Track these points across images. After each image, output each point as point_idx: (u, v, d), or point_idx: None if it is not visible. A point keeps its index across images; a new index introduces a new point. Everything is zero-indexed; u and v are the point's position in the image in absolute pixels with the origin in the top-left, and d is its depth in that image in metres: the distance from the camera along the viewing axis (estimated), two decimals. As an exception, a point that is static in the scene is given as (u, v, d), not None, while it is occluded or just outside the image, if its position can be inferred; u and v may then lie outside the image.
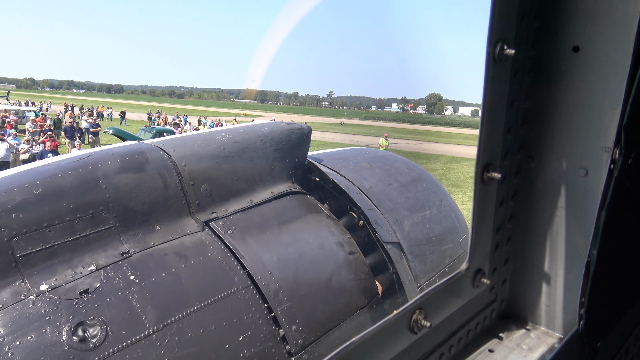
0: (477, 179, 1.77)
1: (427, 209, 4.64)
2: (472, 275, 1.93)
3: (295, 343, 3.11)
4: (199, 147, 3.47)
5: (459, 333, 1.97)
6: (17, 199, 2.64)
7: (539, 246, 2.04)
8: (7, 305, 2.44)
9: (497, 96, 1.70)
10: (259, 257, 3.27)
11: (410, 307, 1.64)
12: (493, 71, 1.60)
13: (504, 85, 1.70)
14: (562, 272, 2.00)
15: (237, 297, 3.04)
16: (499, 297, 2.16)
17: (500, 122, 1.76)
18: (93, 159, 3.05)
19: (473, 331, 2.04)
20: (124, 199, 2.99)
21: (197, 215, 3.30)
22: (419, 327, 1.65)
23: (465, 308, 1.96)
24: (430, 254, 4.33)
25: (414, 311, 1.65)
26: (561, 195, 1.92)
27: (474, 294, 1.98)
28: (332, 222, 3.87)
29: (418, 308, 1.66)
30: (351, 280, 3.62)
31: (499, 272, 2.09)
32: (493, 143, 1.78)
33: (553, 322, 2.10)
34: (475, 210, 1.82)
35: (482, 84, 1.58)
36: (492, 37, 1.54)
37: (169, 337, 2.68)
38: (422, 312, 1.67)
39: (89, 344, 2.46)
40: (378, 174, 4.67)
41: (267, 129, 3.94)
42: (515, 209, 2.03)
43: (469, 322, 2.02)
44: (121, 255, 2.86)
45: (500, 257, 2.07)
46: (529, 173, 1.98)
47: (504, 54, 1.58)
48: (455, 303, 1.89)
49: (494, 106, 1.70)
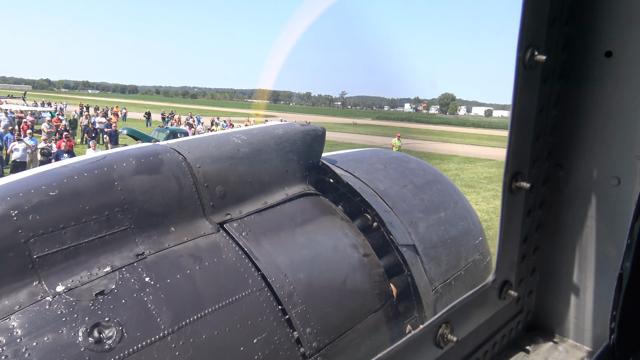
0: (505, 188, 1.72)
1: (442, 211, 4.60)
2: (498, 287, 1.89)
3: (310, 345, 3.10)
4: (213, 149, 3.47)
5: (485, 346, 1.92)
6: (34, 200, 2.66)
7: (567, 256, 1.99)
8: (24, 306, 2.46)
9: (527, 103, 1.66)
10: (273, 259, 3.26)
11: (436, 321, 1.60)
12: (523, 77, 1.57)
13: (533, 91, 1.66)
14: (592, 284, 1.94)
15: (252, 299, 3.03)
16: (525, 308, 2.10)
17: (529, 130, 1.72)
18: (108, 160, 3.07)
19: (499, 344, 1.99)
20: (139, 201, 3.00)
21: (211, 216, 3.30)
22: (445, 342, 1.61)
23: (491, 320, 1.92)
24: (445, 257, 4.29)
25: (440, 325, 1.61)
26: (591, 204, 1.87)
27: (501, 306, 1.93)
28: (346, 224, 3.85)
29: (444, 322, 1.62)
30: (365, 283, 3.60)
31: (526, 283, 2.04)
32: (522, 151, 1.73)
33: (582, 335, 2.04)
34: (502, 220, 1.77)
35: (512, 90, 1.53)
36: (523, 43, 1.50)
37: (183, 338, 2.68)
38: (449, 326, 1.63)
39: (105, 345, 2.46)
40: (392, 176, 4.63)
41: (281, 130, 3.93)
42: (543, 219, 1.98)
43: (495, 335, 1.97)
44: (136, 257, 2.87)
45: (526, 268, 2.02)
46: (558, 181, 1.93)
47: (534, 60, 1.54)
48: (481, 315, 1.85)
49: (523, 113, 1.66)
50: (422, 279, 3.91)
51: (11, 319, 2.39)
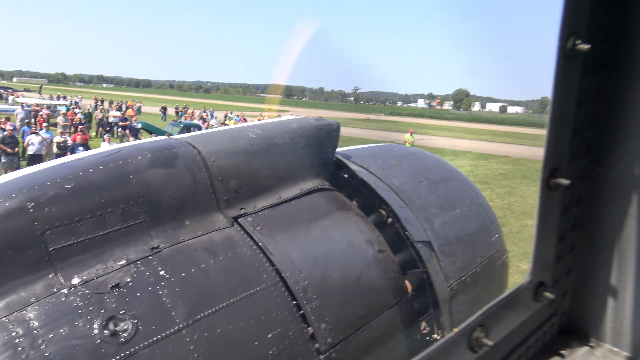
0: (542, 185, 1.66)
1: (458, 208, 4.55)
2: (533, 289, 1.82)
3: (325, 341, 3.08)
4: (227, 143, 3.46)
5: (518, 350, 1.85)
6: (50, 193, 2.66)
7: (604, 257, 1.91)
8: (41, 298, 2.46)
9: (567, 95, 1.59)
10: (287, 253, 3.24)
11: (471, 325, 1.54)
12: (564, 68, 1.49)
13: (573, 83, 1.59)
14: (631, 286, 1.86)
15: (266, 294, 3.02)
16: (559, 310, 2.02)
17: (568, 124, 1.65)
18: (124, 153, 3.06)
19: (532, 348, 1.92)
20: (154, 194, 3.00)
21: (225, 211, 3.29)
22: (479, 346, 1.55)
23: (525, 323, 1.85)
24: (461, 253, 4.24)
25: (475, 328, 1.55)
26: (632, 203, 1.79)
27: (535, 308, 1.87)
28: (361, 220, 3.82)
29: (479, 325, 1.56)
30: (380, 279, 3.57)
31: (560, 284, 1.96)
32: (560, 146, 1.67)
33: (620, 339, 1.95)
34: (539, 219, 1.70)
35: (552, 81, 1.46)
36: (564, 31, 1.43)
37: (198, 332, 2.67)
38: (483, 330, 1.56)
39: (120, 338, 2.46)
40: (408, 172, 4.59)
41: (296, 125, 3.91)
42: (579, 217, 1.90)
43: (529, 339, 1.90)
44: (151, 250, 2.86)
45: (561, 269, 1.94)
46: (596, 178, 1.84)
47: (576, 49, 1.47)
48: (515, 318, 1.79)
49: (563, 106, 1.59)
50: (438, 275, 3.87)
51: (28, 311, 2.40)
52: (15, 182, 2.74)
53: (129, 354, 2.45)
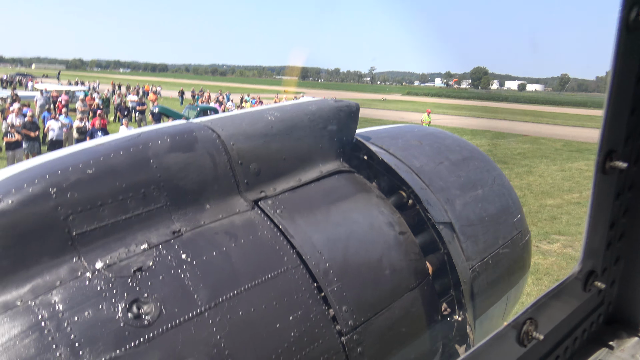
0: (597, 168, 1.56)
1: (480, 188, 4.48)
2: (584, 278, 1.75)
3: (346, 323, 3.08)
4: (247, 126, 3.43)
5: (566, 342, 1.79)
6: (72, 178, 2.67)
7: None
8: (65, 281, 2.49)
9: (627, 71, 1.48)
10: (308, 236, 3.23)
11: (521, 318, 1.49)
12: (625, 41, 1.38)
13: (635, 57, 1.47)
14: None
15: (287, 277, 3.01)
16: (607, 299, 1.95)
17: (626, 102, 1.54)
18: (143, 138, 3.06)
19: (580, 339, 1.86)
20: (174, 178, 3.00)
21: (246, 194, 3.28)
22: (529, 339, 1.50)
23: (573, 314, 1.78)
24: (483, 235, 4.19)
25: (525, 322, 1.50)
26: None
27: (584, 298, 1.80)
28: (381, 202, 3.79)
29: (528, 318, 1.50)
30: (401, 261, 3.54)
31: (609, 272, 1.89)
32: (617, 126, 1.56)
33: None
34: (592, 205, 1.60)
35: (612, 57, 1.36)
36: (628, 1, 1.33)
37: (220, 315, 2.68)
38: (533, 322, 1.51)
39: (144, 321, 2.48)
40: (428, 152, 4.53)
41: (315, 106, 3.86)
42: (632, 202, 1.80)
43: (576, 329, 1.83)
44: (173, 234, 2.87)
45: (611, 256, 1.86)
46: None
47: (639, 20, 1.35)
48: (564, 309, 1.72)
49: (622, 83, 1.48)
50: (459, 257, 3.82)
51: (53, 294, 2.42)
52: (38, 168, 2.76)
53: (153, 337, 2.47)
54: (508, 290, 4.61)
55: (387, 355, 3.36)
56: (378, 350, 3.26)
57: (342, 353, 3.04)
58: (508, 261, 4.44)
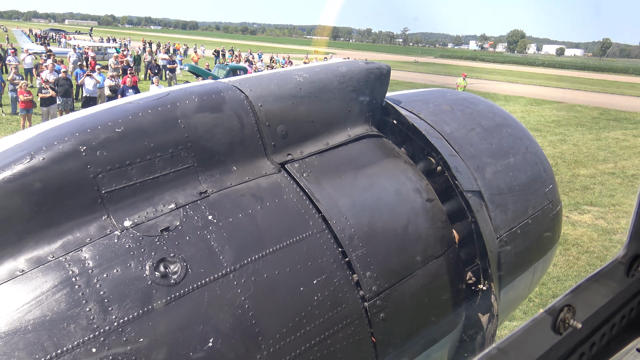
0: None
1: (512, 156, 4.36)
2: (628, 263, 1.68)
3: (369, 289, 3.08)
4: (275, 87, 3.38)
5: (603, 328, 1.71)
6: (101, 136, 2.69)
7: None
8: (95, 239, 2.54)
9: None
10: (334, 201, 3.21)
11: (558, 305, 1.43)
12: None
13: None
14: None
15: (312, 241, 3.02)
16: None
17: None
18: (172, 97, 3.05)
19: (618, 325, 1.78)
20: (201, 139, 2.99)
21: (272, 156, 3.26)
22: (565, 327, 1.44)
23: (614, 300, 1.71)
24: (512, 204, 4.10)
25: (562, 309, 1.43)
26: None
27: (626, 284, 1.72)
28: (409, 168, 3.72)
29: (566, 305, 1.44)
30: (428, 229, 3.51)
31: None
32: None
33: None
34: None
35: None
36: None
37: (245, 276, 2.71)
38: (571, 310, 1.45)
39: (170, 280, 2.53)
40: (460, 118, 4.41)
41: (345, 68, 3.77)
42: None
43: (614, 316, 1.76)
44: (199, 195, 2.88)
45: None
46: None
47: None
48: (604, 295, 1.65)
49: None
50: (487, 226, 3.76)
51: (83, 251, 2.48)
52: (68, 126, 2.78)
53: (179, 295, 2.51)
54: (536, 262, 4.54)
55: (410, 322, 3.37)
56: (401, 316, 3.26)
57: (364, 318, 3.05)
58: (537, 232, 4.36)
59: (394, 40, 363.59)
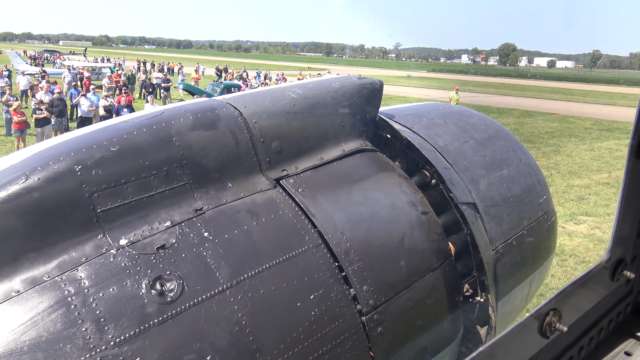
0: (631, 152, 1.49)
1: (505, 168, 4.40)
2: (612, 267, 1.69)
3: (367, 303, 3.08)
4: (269, 104, 3.41)
5: (591, 332, 1.73)
6: (96, 156, 2.70)
7: None
8: (90, 258, 2.53)
9: None
10: (329, 215, 3.22)
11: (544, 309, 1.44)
12: None
13: None
14: None
15: (308, 256, 3.02)
16: (635, 289, 1.88)
17: None
18: (166, 116, 3.07)
19: (605, 329, 1.79)
20: (196, 156, 3.00)
21: (267, 172, 3.27)
22: (551, 331, 1.46)
23: (600, 304, 1.72)
24: (507, 215, 4.12)
25: (548, 312, 1.45)
26: None
27: (612, 288, 1.74)
28: (404, 181, 3.75)
29: (552, 309, 1.45)
30: (423, 241, 3.52)
31: (638, 260, 1.82)
32: None
33: None
34: (624, 191, 1.54)
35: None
36: None
37: (242, 293, 2.71)
38: (557, 313, 1.46)
39: (167, 298, 2.52)
40: (453, 131, 4.45)
41: (338, 84, 3.81)
42: None
43: (602, 320, 1.77)
44: (195, 212, 2.89)
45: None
46: None
47: None
48: (591, 300, 1.66)
49: None
50: (483, 238, 3.78)
51: (79, 270, 2.47)
52: (63, 146, 2.79)
53: (176, 313, 2.51)
54: (532, 272, 4.55)
55: (408, 336, 3.36)
56: (398, 330, 3.26)
57: (362, 332, 3.05)
58: (533, 243, 4.38)
59: (387, 55, 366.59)
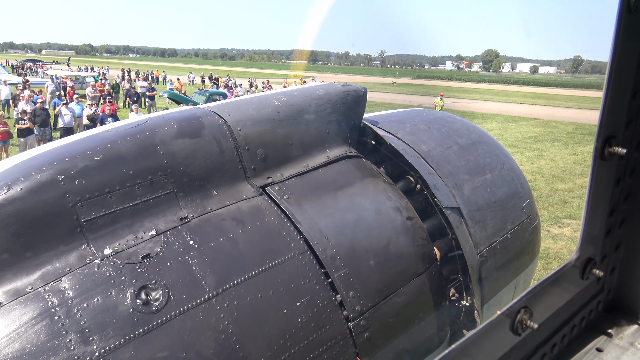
0: (596, 154, 1.51)
1: (488, 173, 4.45)
2: (581, 266, 1.71)
3: (353, 309, 3.09)
4: (253, 111, 3.42)
5: (563, 330, 1.75)
6: (80, 165, 2.68)
7: None
8: (74, 268, 2.52)
9: (628, 53, 1.43)
10: (315, 222, 3.23)
11: (515, 307, 1.46)
12: (626, 23, 1.34)
13: (636, 39, 1.42)
14: None
15: (294, 263, 3.02)
16: (606, 287, 1.90)
17: (627, 86, 1.50)
18: (150, 124, 3.06)
19: (577, 327, 1.82)
20: (181, 165, 3.00)
21: (253, 180, 3.28)
22: (523, 328, 1.47)
23: (571, 302, 1.74)
24: (491, 220, 4.17)
25: (519, 310, 1.47)
26: None
27: (582, 286, 1.76)
28: (389, 187, 3.77)
29: (523, 307, 1.47)
30: (409, 246, 3.54)
31: (609, 259, 1.84)
32: (617, 111, 1.51)
33: None
34: (591, 192, 1.56)
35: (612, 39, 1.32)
36: None
37: (228, 301, 2.70)
38: (528, 311, 1.48)
39: (152, 307, 2.51)
40: (436, 137, 4.49)
41: (322, 91, 3.84)
42: (632, 188, 1.75)
43: (574, 317, 1.79)
44: (180, 221, 2.88)
45: (611, 243, 1.81)
46: None
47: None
48: (561, 298, 1.68)
49: (622, 66, 1.43)
50: (467, 242, 3.82)
51: (62, 281, 2.45)
52: (46, 155, 2.77)
53: (162, 322, 2.49)
54: (517, 275, 4.60)
55: (395, 341, 3.38)
56: (385, 335, 3.27)
57: (349, 338, 3.06)
58: (517, 246, 4.43)
59: (372, 62, 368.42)
